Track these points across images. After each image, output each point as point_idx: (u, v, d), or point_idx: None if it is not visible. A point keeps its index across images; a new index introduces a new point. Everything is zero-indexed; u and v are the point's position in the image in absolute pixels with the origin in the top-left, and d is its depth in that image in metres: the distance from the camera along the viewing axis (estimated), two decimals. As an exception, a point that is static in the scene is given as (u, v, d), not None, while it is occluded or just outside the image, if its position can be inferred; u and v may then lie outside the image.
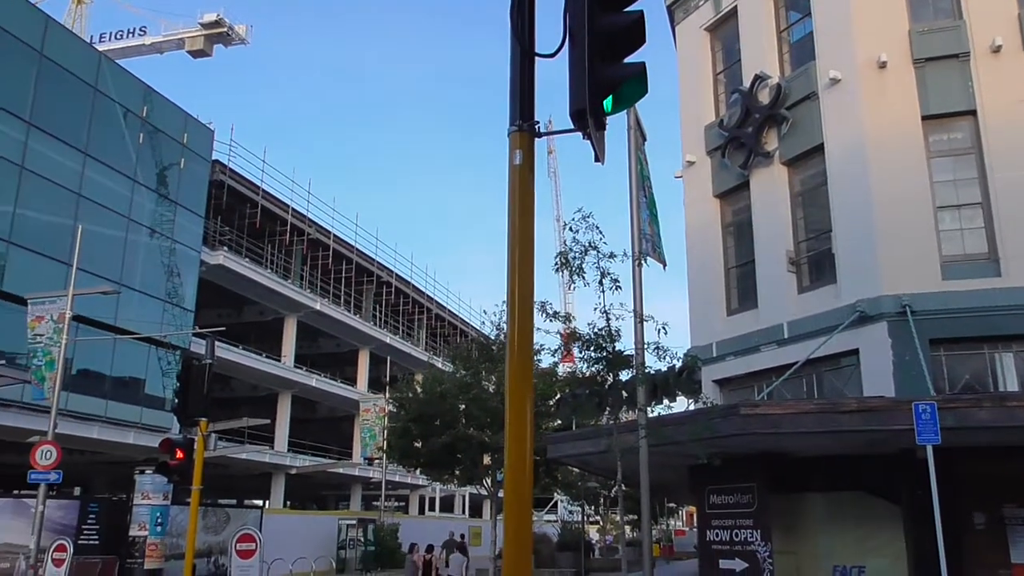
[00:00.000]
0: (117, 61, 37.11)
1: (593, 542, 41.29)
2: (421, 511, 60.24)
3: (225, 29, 51.12)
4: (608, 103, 4.29)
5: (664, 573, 21.83)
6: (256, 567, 16.60)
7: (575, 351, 12.92)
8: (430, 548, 23.67)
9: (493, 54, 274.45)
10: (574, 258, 11.79)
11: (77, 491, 40.76)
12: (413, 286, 56.31)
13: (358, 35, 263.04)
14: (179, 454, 14.43)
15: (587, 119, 4.12)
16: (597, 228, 11.70)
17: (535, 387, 5.20)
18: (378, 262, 51.50)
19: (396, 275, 53.63)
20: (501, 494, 28.25)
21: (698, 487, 15.66)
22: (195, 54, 51.64)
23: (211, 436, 16.31)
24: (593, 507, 41.42)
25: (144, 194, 32.91)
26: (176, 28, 51.60)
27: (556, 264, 11.88)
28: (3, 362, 24.76)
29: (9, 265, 26.97)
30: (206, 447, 15.48)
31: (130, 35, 51.22)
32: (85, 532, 23.60)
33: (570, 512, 43.16)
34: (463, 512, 65.51)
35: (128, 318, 30.40)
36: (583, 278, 11.77)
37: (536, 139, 4.36)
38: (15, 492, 30.34)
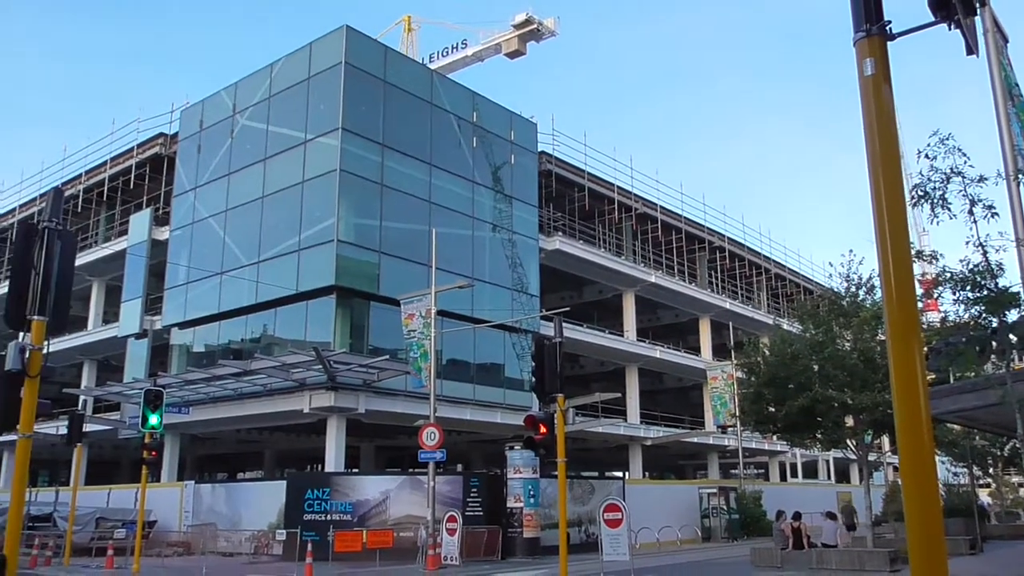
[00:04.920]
0: (447, 75, 40.49)
1: (986, 507, 36.96)
2: (782, 478, 58.24)
3: (535, 26, 53.23)
4: (979, -18, 3.60)
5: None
6: (625, 536, 17.03)
7: (947, 294, 11.47)
8: (797, 516, 22.75)
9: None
10: (934, 188, 10.45)
11: (459, 468, 45.46)
12: (747, 248, 54.51)
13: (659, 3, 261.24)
14: (542, 429, 15.33)
15: (953, 5, 3.46)
16: (960, 151, 10.26)
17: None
18: (708, 228, 50.58)
19: (728, 239, 52.26)
20: (871, 457, 26.28)
21: (1124, 440, 13.19)
22: (511, 55, 54.46)
23: (569, 411, 17.09)
24: (982, 468, 37.04)
25: (483, 193, 35.55)
26: (492, 34, 54.81)
27: (912, 198, 10.58)
28: (387, 357, 28.20)
29: (382, 272, 30.62)
30: (565, 421, 16.23)
31: (454, 50, 55.35)
32: (470, 504, 26.02)
33: (954, 474, 38.96)
34: (828, 477, 62.20)
35: (482, 308, 33.01)
36: (948, 210, 10.40)
37: (889, 43, 3.73)
38: (409, 470, 34.31)
